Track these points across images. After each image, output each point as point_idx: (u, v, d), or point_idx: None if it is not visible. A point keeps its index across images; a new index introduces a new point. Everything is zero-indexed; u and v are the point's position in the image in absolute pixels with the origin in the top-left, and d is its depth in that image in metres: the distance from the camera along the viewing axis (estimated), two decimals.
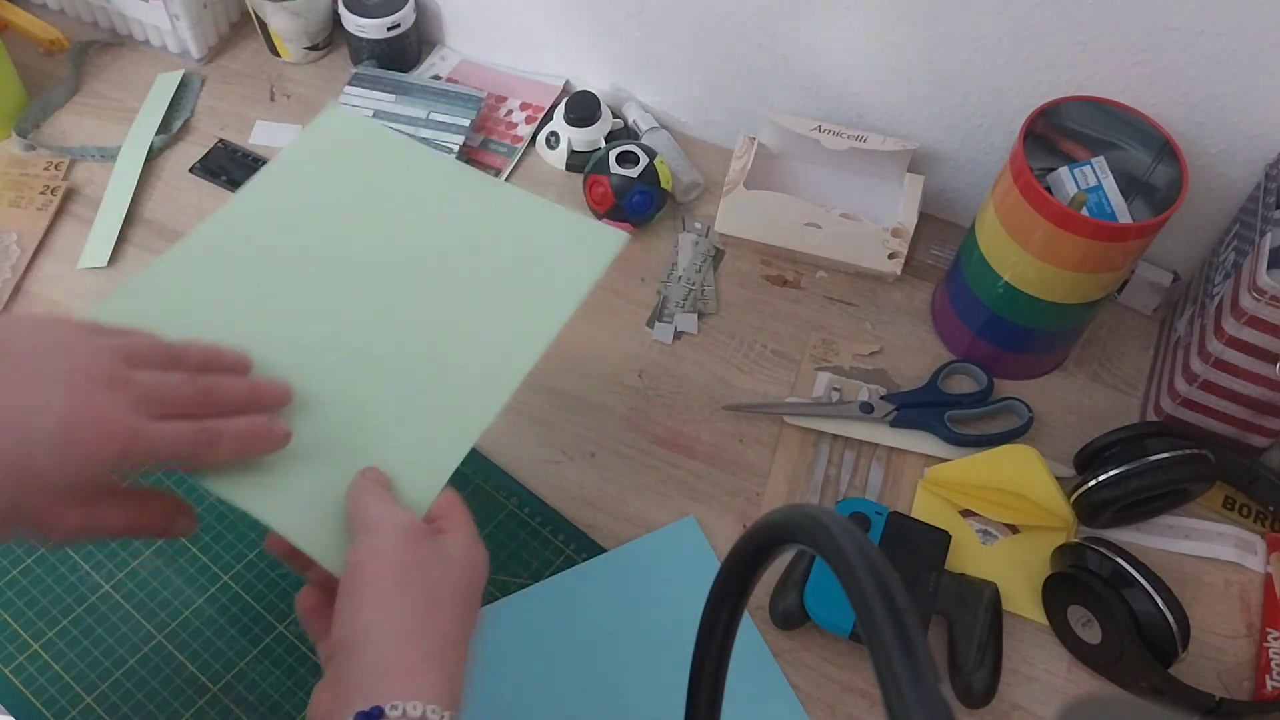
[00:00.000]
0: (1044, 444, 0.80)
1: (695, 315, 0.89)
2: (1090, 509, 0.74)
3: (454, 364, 0.63)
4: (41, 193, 0.93)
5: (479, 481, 0.78)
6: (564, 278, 0.66)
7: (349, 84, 1.01)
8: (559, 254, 0.68)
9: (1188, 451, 0.72)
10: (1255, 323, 0.69)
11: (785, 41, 0.90)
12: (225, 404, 0.53)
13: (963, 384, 0.86)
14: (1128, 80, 0.79)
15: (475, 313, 0.65)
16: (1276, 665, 0.72)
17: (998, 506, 0.78)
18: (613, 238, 0.69)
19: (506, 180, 0.97)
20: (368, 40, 1.01)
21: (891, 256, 0.90)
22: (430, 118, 0.98)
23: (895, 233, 0.90)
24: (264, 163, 0.97)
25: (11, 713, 0.68)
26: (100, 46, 1.06)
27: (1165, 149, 0.76)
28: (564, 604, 0.73)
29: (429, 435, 0.60)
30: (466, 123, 0.98)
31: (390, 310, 0.64)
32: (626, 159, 0.90)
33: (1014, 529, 0.77)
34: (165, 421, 0.49)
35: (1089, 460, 0.77)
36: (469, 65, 1.07)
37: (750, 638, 0.72)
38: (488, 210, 0.70)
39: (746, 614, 0.71)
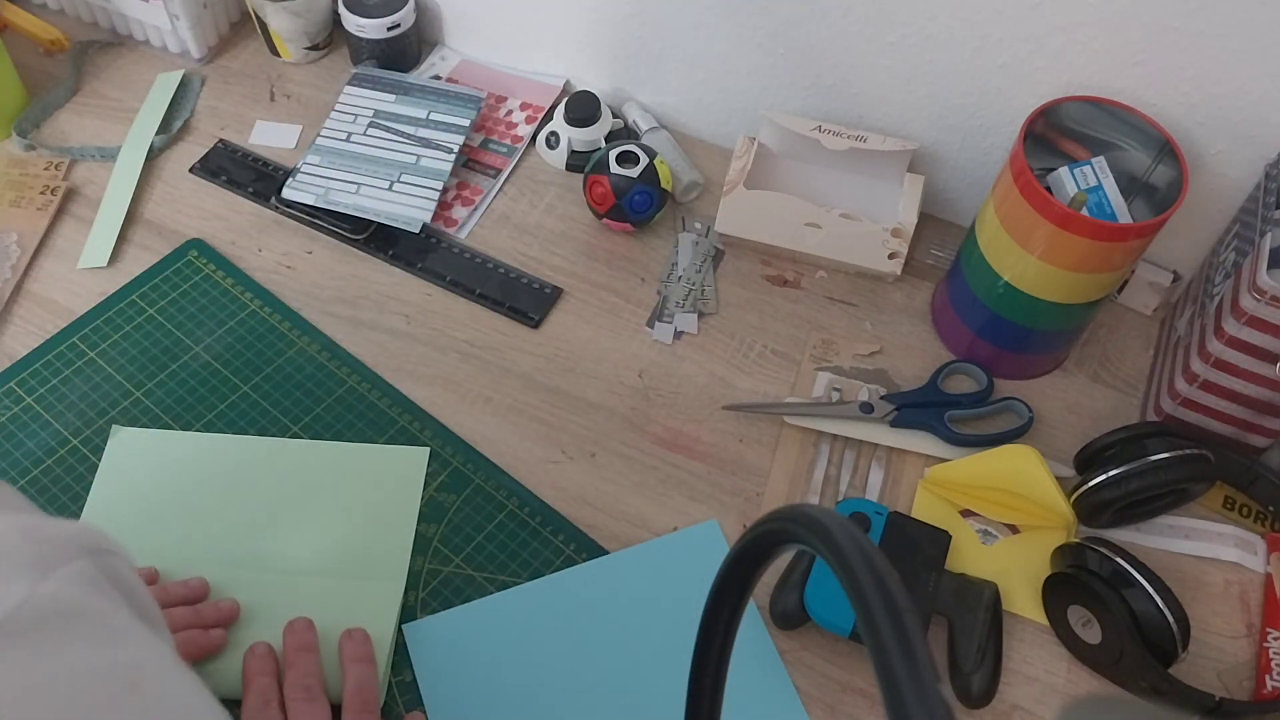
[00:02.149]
0: (1044, 444, 0.80)
1: (695, 315, 0.89)
2: (1090, 509, 0.74)
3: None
4: (41, 193, 0.93)
5: (479, 481, 0.79)
6: (398, 501, 0.78)
7: (349, 84, 1.01)
8: (383, 482, 0.78)
9: (1188, 451, 0.72)
10: (1255, 323, 0.69)
11: (785, 41, 0.90)
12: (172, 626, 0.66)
13: (963, 384, 0.86)
14: (1128, 80, 0.79)
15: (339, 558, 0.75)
16: (1276, 665, 0.72)
17: (998, 506, 0.78)
18: (417, 455, 0.80)
19: (506, 180, 0.98)
20: (368, 40, 1.01)
21: (891, 256, 0.89)
22: (430, 118, 0.98)
23: (895, 233, 0.90)
24: (264, 163, 0.97)
25: None
26: (100, 46, 1.06)
27: (1165, 149, 0.76)
28: (575, 599, 0.73)
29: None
30: (466, 123, 0.98)
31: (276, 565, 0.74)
32: (626, 159, 0.90)
33: (1014, 529, 0.77)
34: None
35: (1089, 460, 0.77)
36: (469, 65, 1.07)
37: (757, 636, 0.72)
38: (311, 468, 0.79)
39: (755, 612, 0.72)
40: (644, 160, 0.90)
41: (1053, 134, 0.80)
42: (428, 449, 0.80)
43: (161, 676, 0.35)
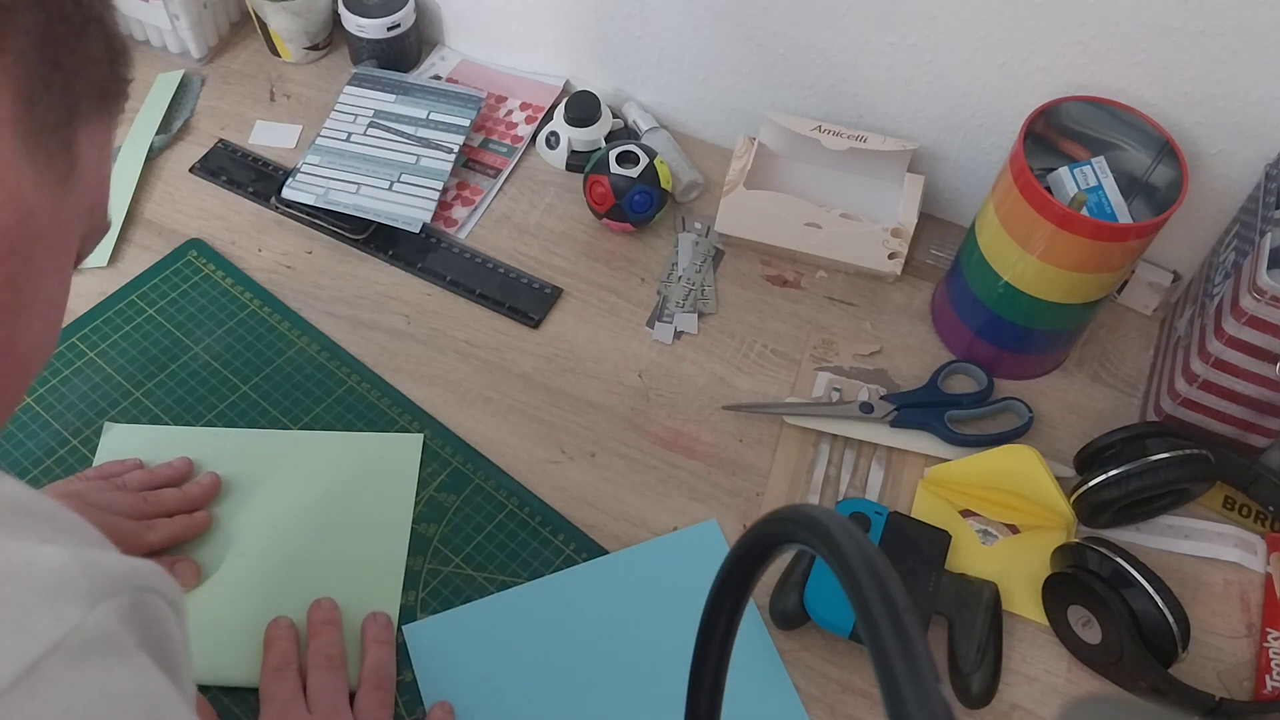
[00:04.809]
0: (1044, 444, 0.80)
1: (695, 315, 0.89)
2: (1090, 509, 0.74)
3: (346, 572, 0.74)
4: None
5: (479, 481, 0.79)
6: (394, 487, 0.78)
7: (349, 84, 1.01)
8: (378, 469, 0.79)
9: (1188, 451, 0.72)
10: (1255, 323, 0.69)
11: (785, 41, 0.90)
12: (160, 509, 0.73)
13: (963, 384, 0.86)
14: (1128, 80, 0.79)
15: (340, 543, 0.75)
16: (1276, 665, 0.72)
17: (998, 506, 0.78)
18: (411, 441, 0.80)
19: (506, 180, 0.98)
20: (368, 40, 1.01)
21: (891, 256, 0.89)
22: (430, 118, 0.98)
23: (895, 233, 0.90)
24: (264, 163, 0.97)
25: None
26: None
27: (1165, 149, 0.76)
28: (575, 599, 0.73)
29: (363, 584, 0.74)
30: (466, 123, 0.98)
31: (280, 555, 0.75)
32: (626, 159, 0.90)
33: (1014, 529, 0.77)
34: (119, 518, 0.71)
35: (1089, 460, 0.77)
36: (469, 65, 1.07)
37: (757, 636, 0.72)
38: (306, 458, 0.79)
39: (755, 612, 0.72)
40: (644, 160, 0.90)
41: (1053, 134, 0.80)
42: (421, 435, 0.80)
43: (173, 713, 0.38)
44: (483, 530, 0.76)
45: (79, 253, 0.46)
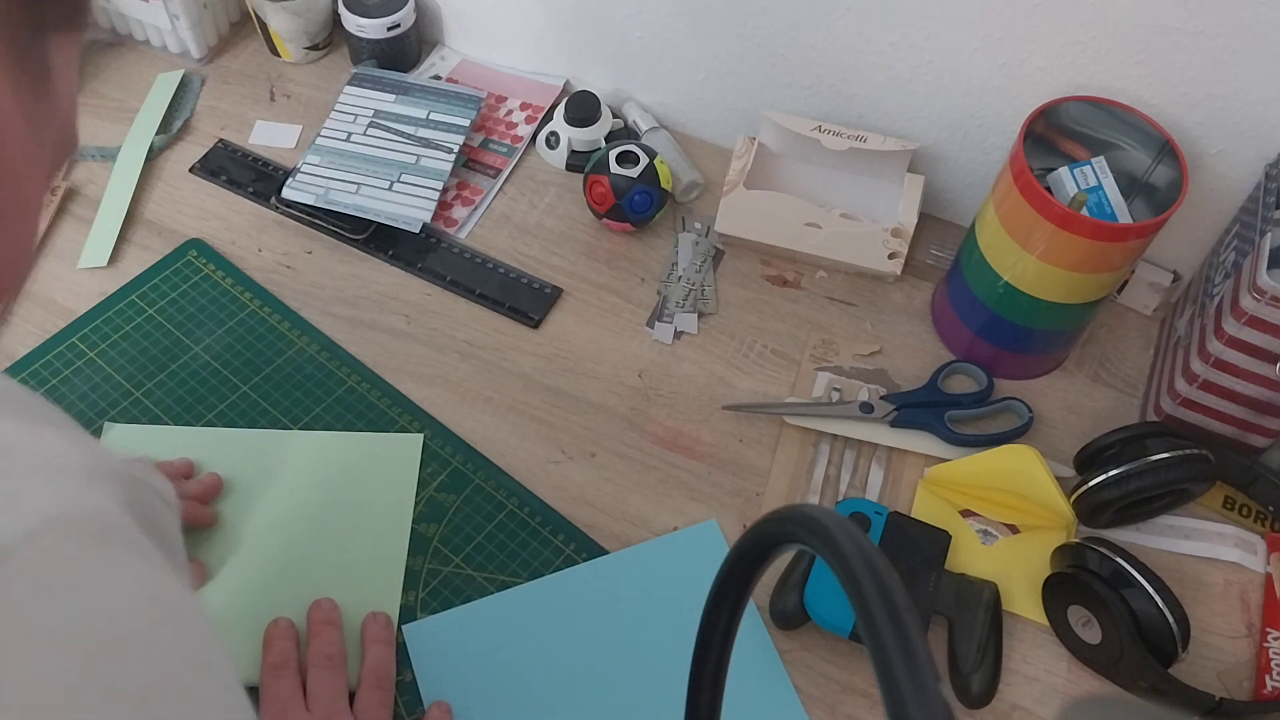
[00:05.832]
0: (1044, 444, 0.80)
1: (695, 315, 0.89)
2: (1090, 509, 0.74)
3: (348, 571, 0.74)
4: None
5: (479, 481, 0.79)
6: (394, 487, 0.78)
7: (349, 84, 1.01)
8: (378, 469, 0.79)
9: (1188, 451, 0.72)
10: (1255, 323, 0.69)
11: (785, 41, 0.90)
12: None
13: (963, 384, 0.86)
14: (1128, 80, 0.79)
15: (341, 542, 0.75)
16: (1276, 665, 0.72)
17: (998, 506, 0.78)
18: (411, 441, 0.80)
19: (506, 180, 0.98)
20: (368, 40, 1.01)
21: (891, 256, 0.89)
22: (430, 118, 0.98)
23: (895, 233, 0.90)
24: (264, 163, 0.97)
25: None
26: (100, 46, 1.06)
27: (1165, 149, 0.76)
28: (575, 599, 0.73)
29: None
30: (466, 123, 0.98)
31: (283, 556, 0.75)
32: (626, 159, 0.90)
33: (1014, 529, 0.77)
34: None
35: (1089, 460, 0.77)
36: (469, 65, 1.07)
37: (757, 636, 0.72)
38: (306, 458, 0.79)
39: (755, 612, 0.72)
40: (644, 160, 0.90)
41: (1053, 134, 0.80)
42: (421, 435, 0.80)
43: (187, 604, 0.38)
44: (483, 530, 0.76)
45: (50, 169, 0.45)
